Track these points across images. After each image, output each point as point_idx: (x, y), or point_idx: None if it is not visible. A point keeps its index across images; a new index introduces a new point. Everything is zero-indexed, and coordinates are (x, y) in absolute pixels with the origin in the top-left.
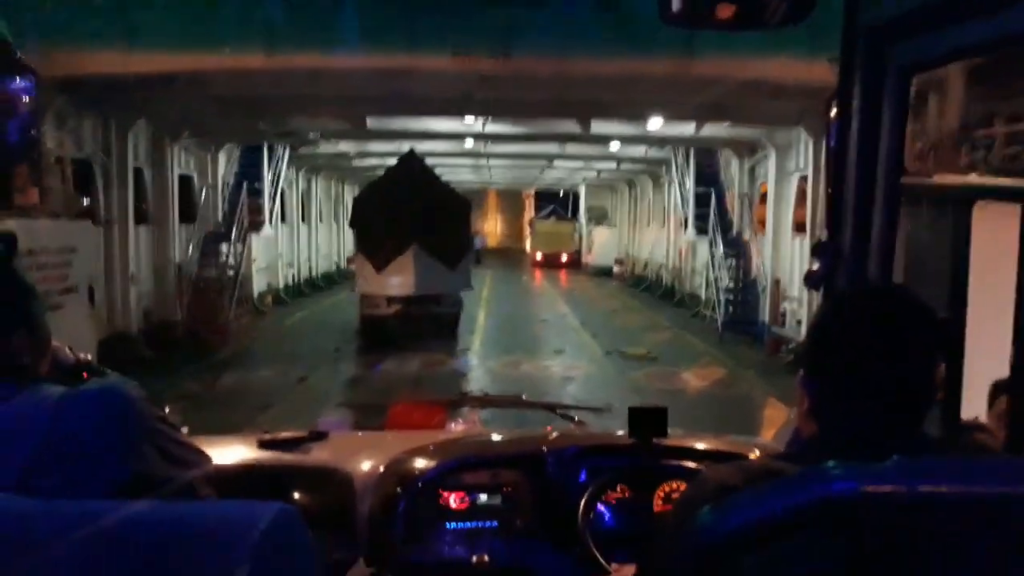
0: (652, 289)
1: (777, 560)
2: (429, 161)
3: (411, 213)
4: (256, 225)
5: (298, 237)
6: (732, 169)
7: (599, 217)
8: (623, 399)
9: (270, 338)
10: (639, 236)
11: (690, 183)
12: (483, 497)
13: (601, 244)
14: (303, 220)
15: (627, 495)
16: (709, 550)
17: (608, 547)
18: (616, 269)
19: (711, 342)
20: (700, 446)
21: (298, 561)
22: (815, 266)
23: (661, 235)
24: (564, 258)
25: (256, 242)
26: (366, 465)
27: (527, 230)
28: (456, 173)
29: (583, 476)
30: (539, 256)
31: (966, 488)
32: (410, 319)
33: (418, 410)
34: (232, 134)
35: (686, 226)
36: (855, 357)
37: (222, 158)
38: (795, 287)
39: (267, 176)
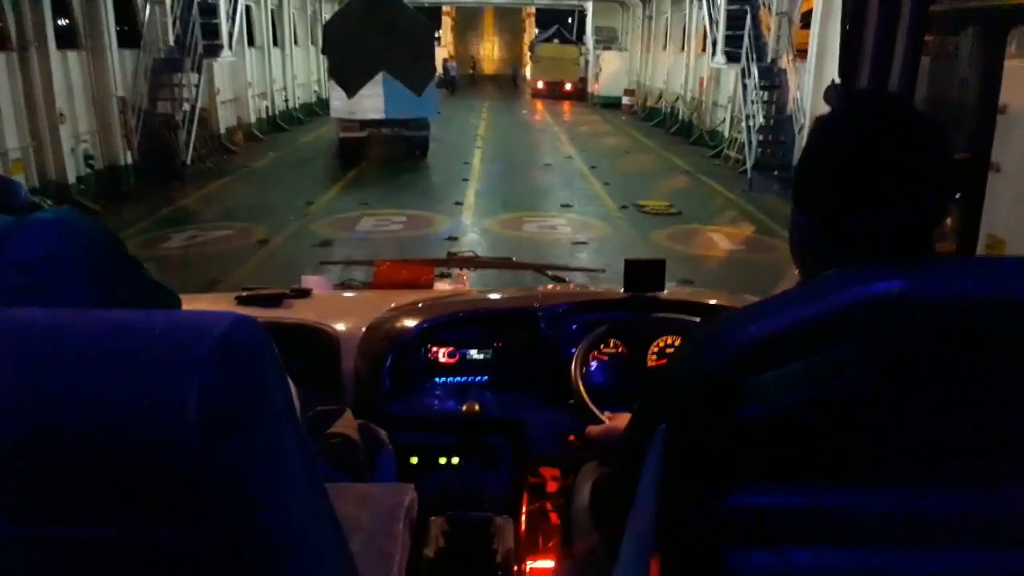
0: (666, 124)
1: (807, 370)
2: None
3: (379, 40)
4: (213, 50)
5: (270, 63)
6: None
7: (608, 40)
8: None
9: (235, 184)
10: (653, 63)
11: None
12: (473, 352)
13: (609, 72)
14: (275, 44)
15: (620, 350)
16: (727, 365)
17: (600, 401)
18: (625, 100)
19: (738, 190)
20: (698, 300)
21: (258, 368)
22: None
23: (679, 62)
24: (568, 87)
25: (219, 70)
26: (351, 322)
27: (527, 55)
28: None
29: (575, 331)
30: (540, 84)
31: (1010, 287)
32: (382, 141)
33: (405, 268)
34: None
35: (714, 50)
36: (845, 182)
37: None
38: None
39: None
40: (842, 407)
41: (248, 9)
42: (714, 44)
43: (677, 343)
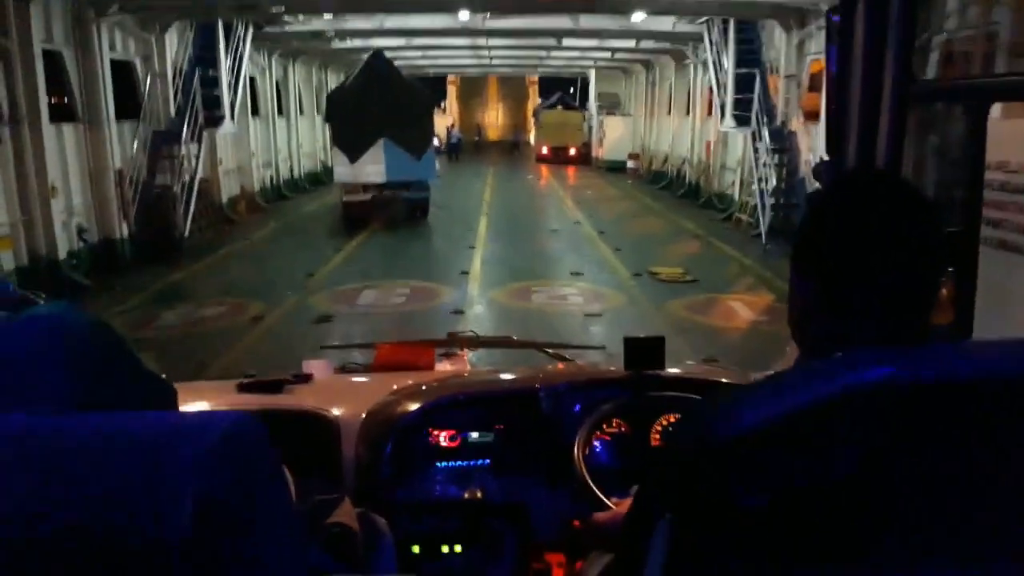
0: (673, 187)
1: (801, 454)
2: (421, 42)
3: (379, 109)
4: (214, 120)
5: (274, 133)
6: (777, 43)
7: (611, 105)
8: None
9: (233, 256)
10: (657, 127)
11: (729, 62)
12: (474, 435)
13: (614, 136)
14: (279, 113)
15: (623, 430)
16: (721, 450)
17: (603, 483)
18: (630, 164)
19: (753, 255)
20: (699, 377)
21: (260, 470)
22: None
23: (684, 125)
24: (572, 152)
25: (221, 140)
26: (352, 407)
27: (531, 121)
28: (452, 57)
29: (577, 411)
30: (544, 150)
31: (1008, 369)
32: (384, 203)
33: (405, 350)
34: (175, 8)
35: (723, 114)
36: (837, 254)
37: (170, 39)
38: None
39: (224, 60)
40: (839, 492)
41: (252, 80)
42: (722, 108)
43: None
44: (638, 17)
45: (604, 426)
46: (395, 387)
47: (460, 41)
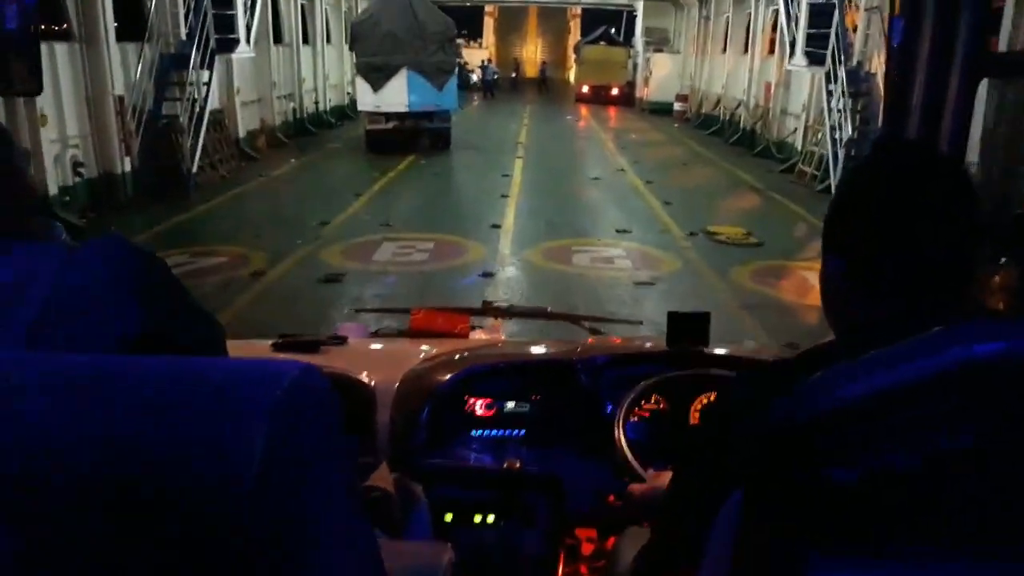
0: (724, 133)
1: (901, 430)
2: None
3: (402, 38)
4: (227, 45)
5: (298, 62)
6: None
7: (659, 42)
8: (731, 323)
9: (247, 196)
10: (710, 66)
11: None
12: (510, 405)
13: (661, 75)
14: (304, 41)
15: (662, 407)
16: (814, 423)
17: (639, 458)
18: (677, 107)
19: (822, 213)
20: (741, 354)
21: (322, 420)
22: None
23: (740, 65)
24: (615, 92)
25: (239, 68)
26: (387, 372)
27: (572, 57)
28: None
29: (614, 385)
30: (585, 89)
31: None
32: (406, 133)
33: (441, 317)
34: None
35: (791, 51)
36: (876, 226)
37: None
38: None
39: None
40: (940, 472)
41: (275, 3)
42: (792, 44)
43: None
44: None
45: (642, 402)
46: (432, 352)
47: None
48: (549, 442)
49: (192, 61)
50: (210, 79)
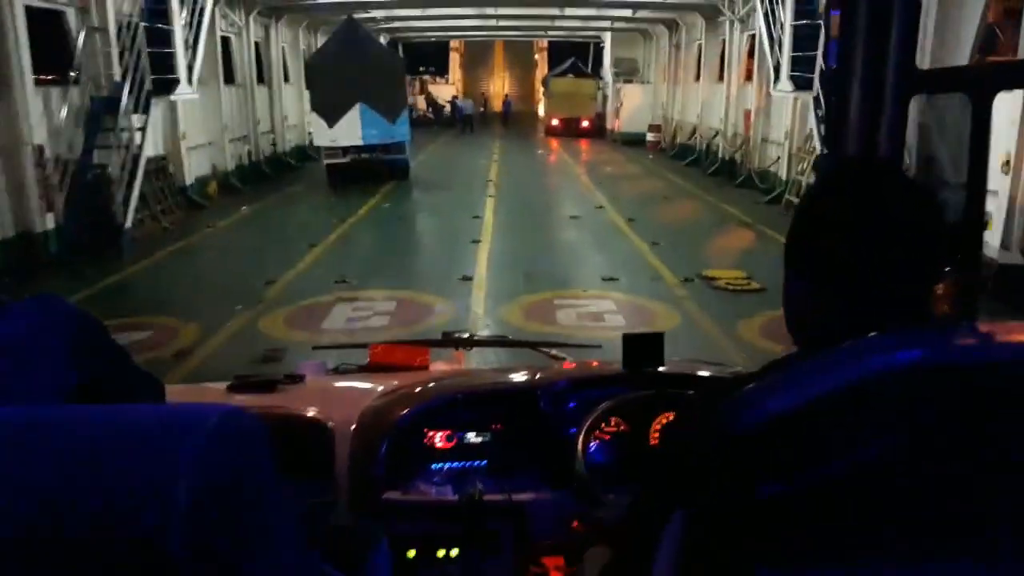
0: (702, 163)
1: (825, 440)
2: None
3: (353, 75)
4: (166, 86)
5: (253, 103)
6: None
7: (629, 72)
8: None
9: (187, 251)
10: (683, 95)
11: (787, 12)
12: (470, 435)
13: (632, 106)
14: (260, 80)
15: (621, 428)
16: (745, 442)
17: (602, 482)
18: (651, 137)
19: None
20: (696, 373)
21: (252, 462)
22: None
23: (716, 93)
24: (585, 124)
25: (185, 110)
26: (346, 409)
27: (539, 90)
28: (456, 20)
29: (575, 410)
30: (555, 122)
31: None
32: (363, 165)
33: (400, 350)
34: None
35: (776, 76)
36: (838, 247)
37: None
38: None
39: (180, 12)
40: (873, 478)
41: (226, 41)
42: (776, 69)
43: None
44: None
45: (603, 425)
46: (391, 386)
47: (467, 10)
48: (511, 471)
49: (124, 105)
50: (145, 124)
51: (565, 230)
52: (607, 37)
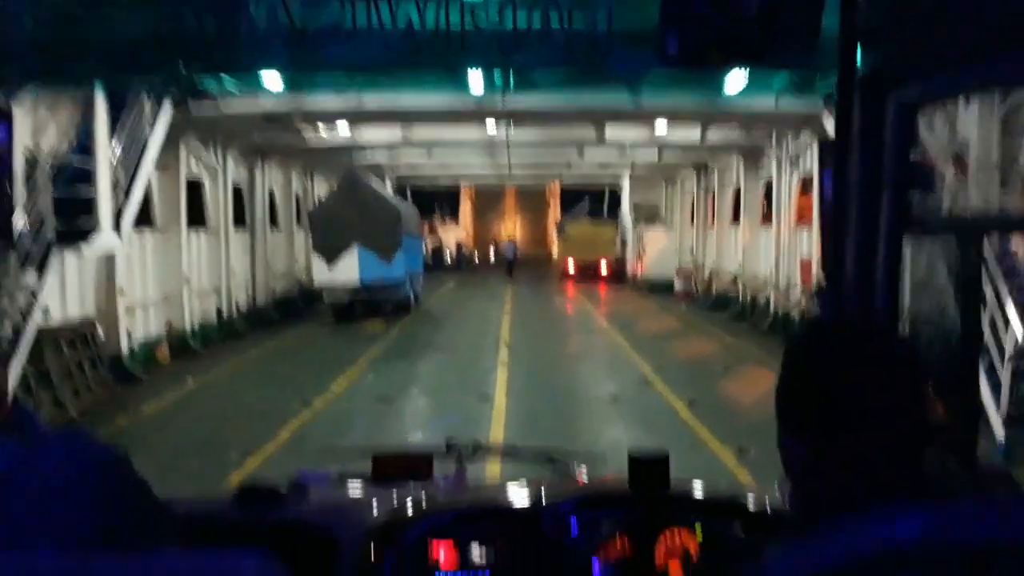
0: (749, 317)
1: None
2: (424, 135)
3: (352, 219)
4: (76, 235)
5: (227, 250)
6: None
7: (649, 216)
8: None
9: None
10: (716, 240)
11: None
12: (475, 554)
13: (656, 250)
14: (238, 224)
15: (627, 548)
16: None
17: None
18: (679, 285)
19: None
20: (700, 495)
21: None
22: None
23: (759, 237)
24: (603, 269)
25: (126, 263)
26: (350, 521)
27: (552, 234)
28: (461, 162)
29: (579, 529)
30: (571, 267)
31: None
32: (363, 303)
33: (404, 460)
34: (30, 73)
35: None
36: (828, 406)
37: (23, 113)
38: None
39: (108, 145)
40: None
41: (197, 184)
42: None
43: (684, 536)
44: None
45: (608, 543)
46: (394, 501)
47: (475, 144)
48: None
49: (11, 261)
50: (40, 281)
51: (607, 423)
52: (625, 180)
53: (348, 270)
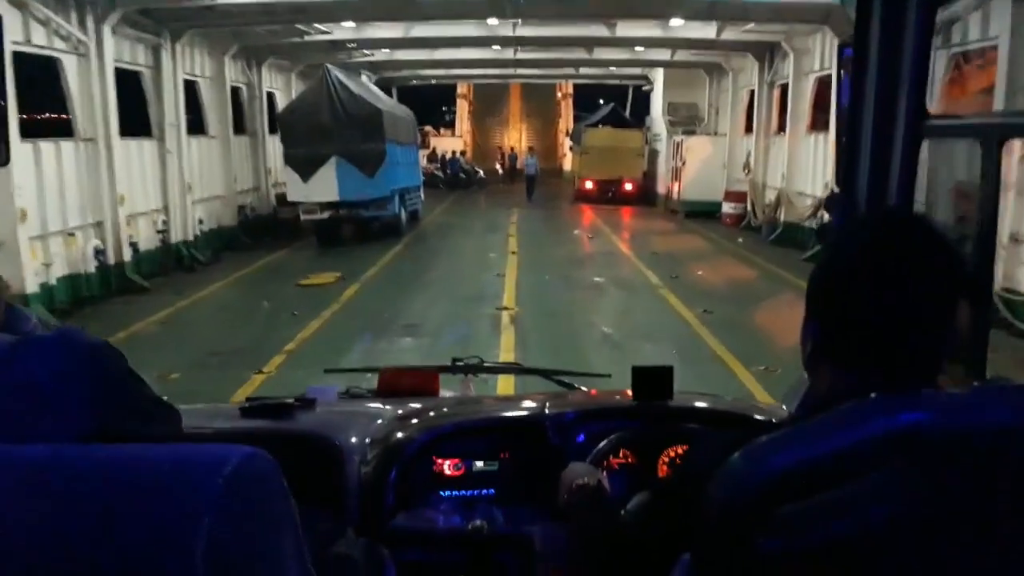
0: None
1: (831, 505)
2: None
3: (329, 127)
4: None
5: (110, 166)
6: None
7: (685, 121)
8: None
9: None
10: (785, 153)
11: None
12: (479, 464)
13: (698, 166)
14: (143, 131)
15: (630, 460)
16: (748, 498)
17: None
18: (728, 209)
19: None
20: (705, 407)
21: (269, 509)
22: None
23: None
24: (629, 187)
25: (32, 174)
26: (355, 433)
27: (563, 144)
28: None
29: (583, 441)
30: (588, 184)
31: None
32: (342, 222)
33: (410, 376)
34: None
35: None
36: (856, 292)
37: None
38: None
39: None
40: (875, 540)
41: (132, 75)
42: None
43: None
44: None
45: (611, 456)
46: (401, 412)
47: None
48: (519, 501)
49: None
50: None
51: None
52: (658, 77)
53: (326, 186)
